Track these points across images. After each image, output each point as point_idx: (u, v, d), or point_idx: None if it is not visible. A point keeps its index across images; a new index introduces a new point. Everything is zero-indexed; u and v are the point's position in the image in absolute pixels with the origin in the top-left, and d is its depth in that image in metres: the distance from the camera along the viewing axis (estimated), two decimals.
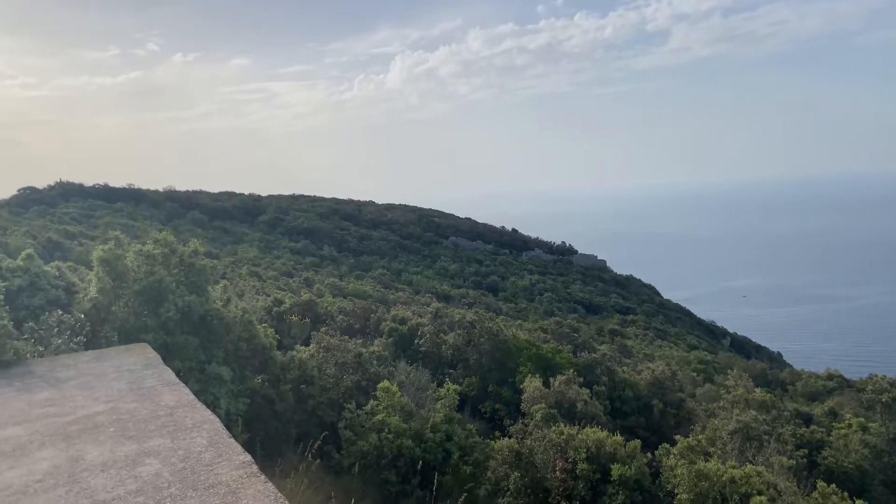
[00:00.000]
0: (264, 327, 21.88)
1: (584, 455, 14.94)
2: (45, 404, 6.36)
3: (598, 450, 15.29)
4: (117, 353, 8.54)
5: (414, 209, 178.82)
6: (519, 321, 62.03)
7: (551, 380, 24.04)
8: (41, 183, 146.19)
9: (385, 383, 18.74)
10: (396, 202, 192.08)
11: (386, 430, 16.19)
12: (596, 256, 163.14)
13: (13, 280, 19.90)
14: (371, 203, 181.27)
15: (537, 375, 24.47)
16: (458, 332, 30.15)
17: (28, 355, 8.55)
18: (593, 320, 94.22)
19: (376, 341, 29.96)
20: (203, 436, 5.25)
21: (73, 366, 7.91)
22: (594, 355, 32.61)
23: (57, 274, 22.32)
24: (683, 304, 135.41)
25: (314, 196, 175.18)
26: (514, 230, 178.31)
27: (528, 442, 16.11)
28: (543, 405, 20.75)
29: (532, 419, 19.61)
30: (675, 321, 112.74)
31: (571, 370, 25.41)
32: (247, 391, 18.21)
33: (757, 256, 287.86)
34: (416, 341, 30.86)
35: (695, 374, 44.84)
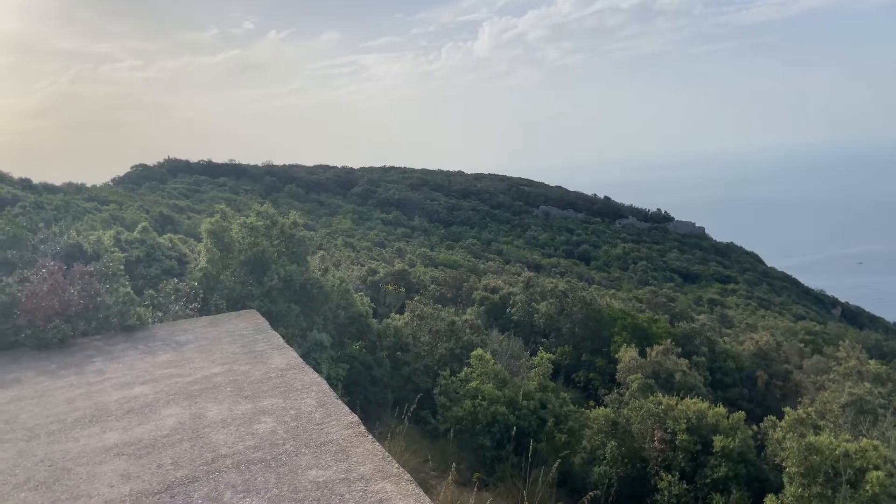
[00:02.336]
0: (360, 296, 22.46)
1: (683, 426, 14.55)
2: (168, 366, 6.83)
3: (698, 421, 14.85)
4: (229, 319, 9.03)
5: (503, 178, 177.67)
6: (612, 290, 60.79)
7: (647, 350, 23.47)
8: (151, 160, 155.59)
9: (478, 351, 18.91)
10: (486, 172, 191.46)
11: (480, 397, 16.37)
12: (694, 224, 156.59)
13: (131, 251, 21.39)
14: (460, 173, 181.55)
15: (633, 345, 23.96)
16: (551, 301, 29.89)
17: (149, 320, 9.20)
18: (691, 289, 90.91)
19: (468, 310, 30.21)
20: (312, 397, 5.49)
21: (191, 330, 8.44)
22: (692, 325, 31.52)
23: (170, 245, 23.80)
24: (789, 273, 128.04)
25: (404, 167, 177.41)
26: (606, 198, 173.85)
27: (625, 411, 15.85)
28: (640, 375, 20.32)
29: (628, 389, 19.27)
30: (780, 290, 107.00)
31: (668, 340, 24.70)
32: (346, 357, 18.81)
33: (874, 221, 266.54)
34: (507, 310, 30.89)
35: (802, 345, 42.49)
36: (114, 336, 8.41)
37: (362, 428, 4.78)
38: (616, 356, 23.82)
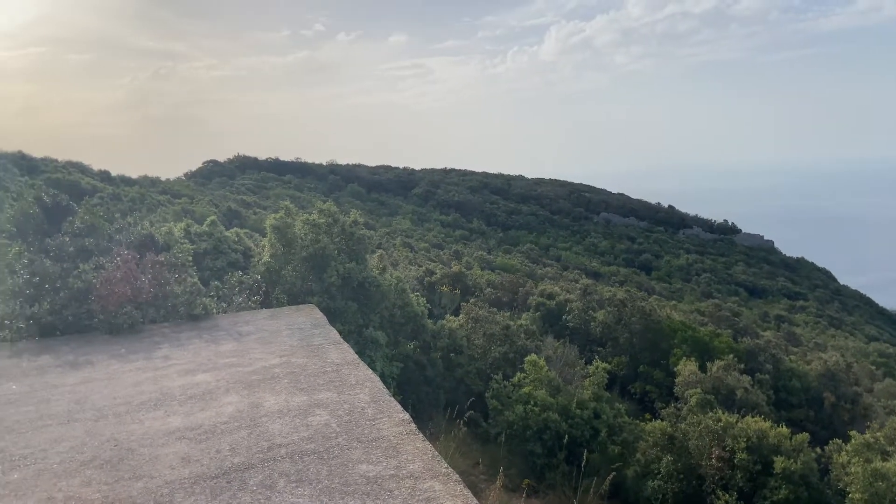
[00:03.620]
0: (417, 296, 22.60)
1: (743, 444, 14.07)
2: (230, 355, 7.04)
3: (759, 440, 14.32)
4: (289, 313, 9.25)
5: (564, 184, 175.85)
6: (673, 302, 59.26)
7: (708, 364, 22.79)
8: (221, 156, 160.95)
9: (532, 357, 18.76)
10: (546, 176, 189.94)
11: (532, 403, 16.24)
12: (762, 236, 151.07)
13: (200, 244, 22.15)
14: (521, 177, 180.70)
15: (692, 359, 23.30)
16: (608, 309, 29.40)
17: (214, 311, 9.51)
18: (757, 304, 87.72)
19: (524, 315, 30.02)
20: (366, 392, 5.57)
21: (252, 322, 8.69)
22: (757, 341, 30.42)
23: (236, 239, 24.53)
24: (863, 292, 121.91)
25: (465, 170, 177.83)
26: (670, 207, 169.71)
27: (682, 426, 15.44)
28: (699, 390, 19.74)
29: (686, 403, 18.76)
30: (852, 309, 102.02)
31: (731, 355, 23.92)
32: (400, 356, 18.95)
33: None
34: (563, 317, 30.54)
35: (874, 367, 40.41)
36: (180, 324, 8.74)
37: (413, 426, 4.81)
38: (675, 369, 23.22)
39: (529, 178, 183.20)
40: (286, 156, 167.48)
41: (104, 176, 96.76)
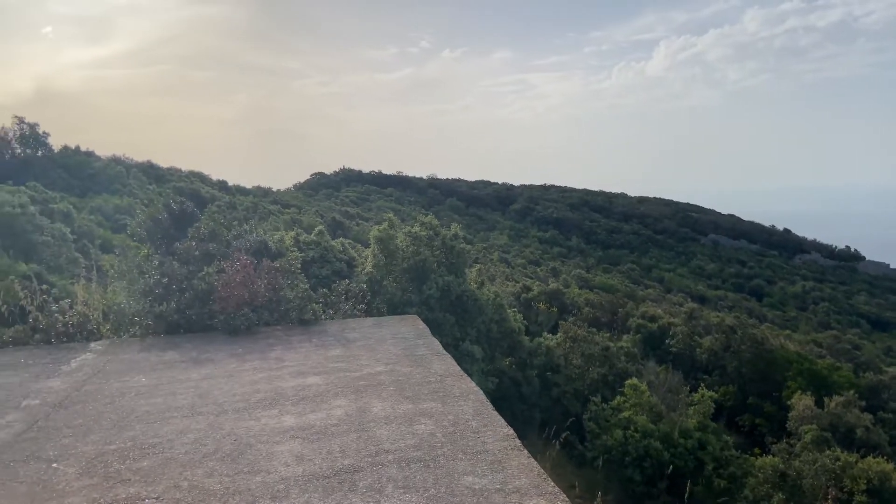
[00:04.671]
0: (514, 312, 22.41)
1: (863, 486, 12.95)
2: (338, 360, 7.28)
3: (881, 483, 13.14)
4: (393, 322, 9.46)
5: (669, 203, 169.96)
6: (787, 331, 55.69)
7: (825, 399, 21.21)
8: (328, 169, 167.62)
9: (633, 380, 18.17)
10: (650, 195, 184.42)
11: (632, 429, 15.72)
12: (888, 265, 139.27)
13: (308, 252, 23.02)
14: (623, 195, 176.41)
15: (808, 393, 21.77)
16: (716, 335, 28.04)
17: (322, 316, 9.88)
18: (881, 338, 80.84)
19: (624, 337, 29.17)
20: (469, 405, 5.59)
21: (358, 329, 8.95)
22: (880, 377, 28.00)
23: (341, 249, 25.33)
24: None
25: (565, 186, 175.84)
26: (785, 230, 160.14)
27: (796, 464, 14.43)
28: (815, 426, 18.40)
29: (800, 440, 17.53)
30: None
31: (852, 391, 22.15)
32: (496, 371, 18.84)
33: None
34: (666, 341, 29.40)
35: None
36: (292, 328, 9.14)
37: (518, 442, 4.78)
38: (788, 403, 21.77)
39: (632, 195, 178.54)
40: (388, 169, 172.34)
41: (222, 185, 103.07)
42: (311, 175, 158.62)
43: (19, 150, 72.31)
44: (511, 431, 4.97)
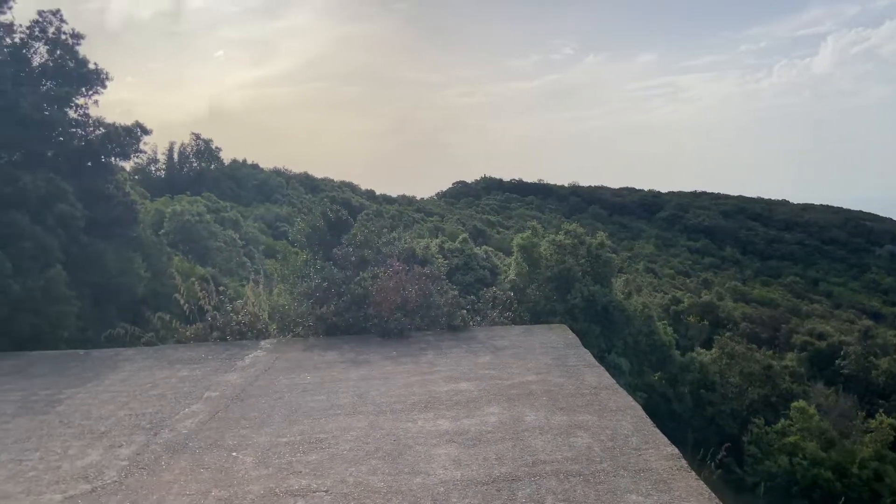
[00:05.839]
0: (664, 324, 21.43)
1: None
2: (488, 367, 7.31)
3: None
4: (541, 331, 9.35)
5: (838, 210, 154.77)
6: None
7: None
8: (469, 177, 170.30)
9: (800, 403, 16.69)
10: (816, 201, 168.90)
11: (800, 455, 14.44)
12: None
13: (452, 259, 23.38)
14: (784, 202, 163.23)
15: None
16: (895, 357, 25.06)
17: (470, 323, 9.99)
18: None
19: (787, 355, 26.90)
20: (628, 420, 5.37)
21: (506, 337, 8.94)
22: None
23: (484, 256, 25.51)
24: None
25: (718, 193, 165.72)
26: None
27: None
28: None
29: None
30: None
31: None
32: (644, 385, 18.08)
33: None
34: (837, 361, 26.71)
35: None
36: (441, 333, 9.32)
37: (684, 462, 4.51)
38: None
39: (794, 202, 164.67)
40: (529, 177, 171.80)
41: (370, 194, 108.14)
42: (453, 184, 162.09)
43: (196, 164, 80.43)
44: (675, 451, 4.70)
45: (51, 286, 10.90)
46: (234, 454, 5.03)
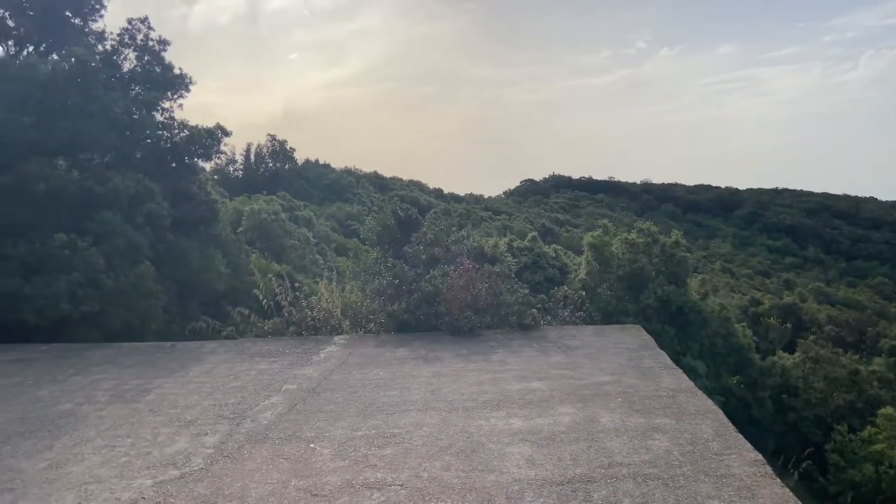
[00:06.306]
0: (742, 326, 20.73)
1: None
2: (560, 366, 7.24)
3: None
4: (614, 331, 9.19)
5: None
6: None
7: None
8: (537, 175, 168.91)
9: (888, 410, 15.79)
10: None
11: (886, 464, 13.67)
12: None
13: (521, 258, 23.25)
14: (872, 199, 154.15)
15: None
16: None
17: (541, 322, 9.92)
18: None
19: (875, 359, 25.44)
20: (708, 424, 5.21)
21: (578, 336, 8.83)
22: None
23: (553, 255, 25.26)
24: None
25: (800, 190, 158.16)
26: None
27: None
28: None
29: None
30: None
31: None
32: (721, 389, 17.54)
33: None
34: None
35: None
36: (511, 332, 9.29)
37: (769, 469, 4.34)
38: None
39: (883, 200, 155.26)
40: (599, 175, 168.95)
41: (437, 193, 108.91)
42: (521, 182, 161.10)
43: (271, 164, 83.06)
44: (759, 457, 4.53)
45: (140, 282, 11.50)
46: (311, 446, 5.17)
